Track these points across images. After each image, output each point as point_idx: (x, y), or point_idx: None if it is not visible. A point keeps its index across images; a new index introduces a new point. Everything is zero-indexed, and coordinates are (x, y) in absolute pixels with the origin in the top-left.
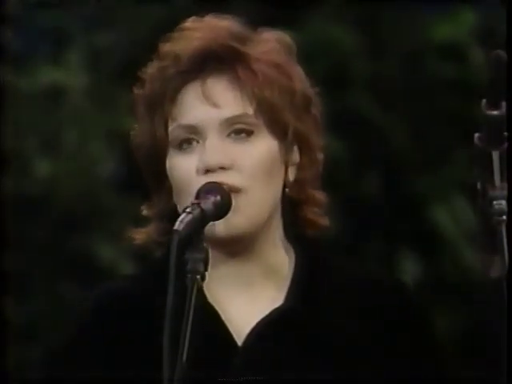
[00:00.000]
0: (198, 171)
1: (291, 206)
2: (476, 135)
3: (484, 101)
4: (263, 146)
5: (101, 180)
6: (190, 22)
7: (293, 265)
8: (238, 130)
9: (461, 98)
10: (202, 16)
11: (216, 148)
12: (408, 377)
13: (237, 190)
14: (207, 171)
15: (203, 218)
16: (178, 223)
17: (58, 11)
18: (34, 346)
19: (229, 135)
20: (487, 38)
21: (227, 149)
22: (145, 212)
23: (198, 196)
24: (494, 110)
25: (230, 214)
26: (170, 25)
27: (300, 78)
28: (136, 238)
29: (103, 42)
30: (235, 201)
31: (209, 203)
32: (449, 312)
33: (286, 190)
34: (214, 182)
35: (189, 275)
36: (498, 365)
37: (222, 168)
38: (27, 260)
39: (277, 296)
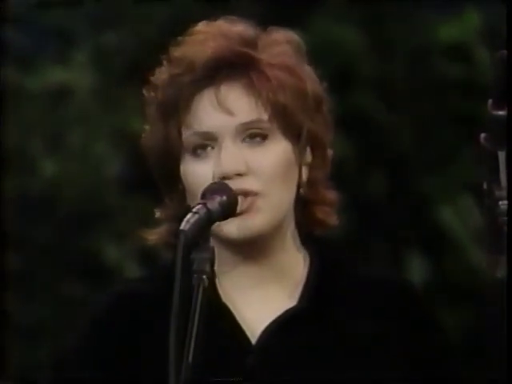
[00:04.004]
0: (214, 178)
1: (302, 206)
2: (482, 135)
3: (490, 101)
4: (278, 150)
5: (106, 180)
6: (201, 27)
7: (307, 266)
8: (253, 135)
9: (467, 98)
10: (213, 20)
11: (231, 155)
12: (419, 377)
13: (255, 194)
14: (224, 178)
15: (209, 218)
16: (184, 223)
17: (63, 11)
18: (38, 346)
19: (243, 140)
20: (493, 38)
21: (242, 154)
22: (158, 215)
23: (204, 196)
24: (500, 110)
25: (247, 215)
26: (175, 25)
27: (311, 79)
28: (149, 239)
29: (109, 41)
30: (254, 202)
31: (215, 203)
32: (454, 311)
33: (300, 190)
34: (220, 182)
35: (195, 275)
36: (503, 365)
37: (239, 175)
38: (32, 260)
39: (291, 297)
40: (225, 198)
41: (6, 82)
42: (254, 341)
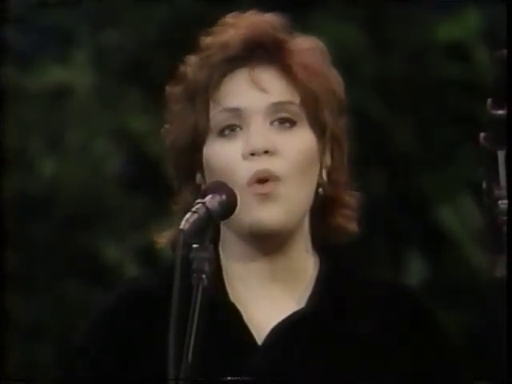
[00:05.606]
0: (243, 155)
1: (321, 210)
2: (481, 135)
3: (489, 100)
4: (304, 138)
5: (106, 180)
6: (231, 18)
7: (316, 270)
8: (282, 119)
9: (467, 98)
10: (243, 12)
11: (261, 132)
12: (422, 378)
13: (277, 179)
14: (252, 154)
15: (209, 218)
16: (183, 222)
17: (63, 10)
18: (38, 346)
19: (272, 123)
20: (493, 38)
21: (271, 135)
22: (174, 207)
23: (203, 195)
24: (499, 109)
25: (270, 205)
26: (176, 25)
27: (337, 82)
28: (159, 242)
29: (109, 40)
30: (274, 188)
31: (214, 202)
32: (454, 311)
33: (320, 190)
34: (220, 182)
35: (194, 275)
36: (503, 365)
37: (267, 152)
38: (32, 260)
39: (298, 299)
40: (224, 197)
41: (5, 81)
42: (259, 342)
